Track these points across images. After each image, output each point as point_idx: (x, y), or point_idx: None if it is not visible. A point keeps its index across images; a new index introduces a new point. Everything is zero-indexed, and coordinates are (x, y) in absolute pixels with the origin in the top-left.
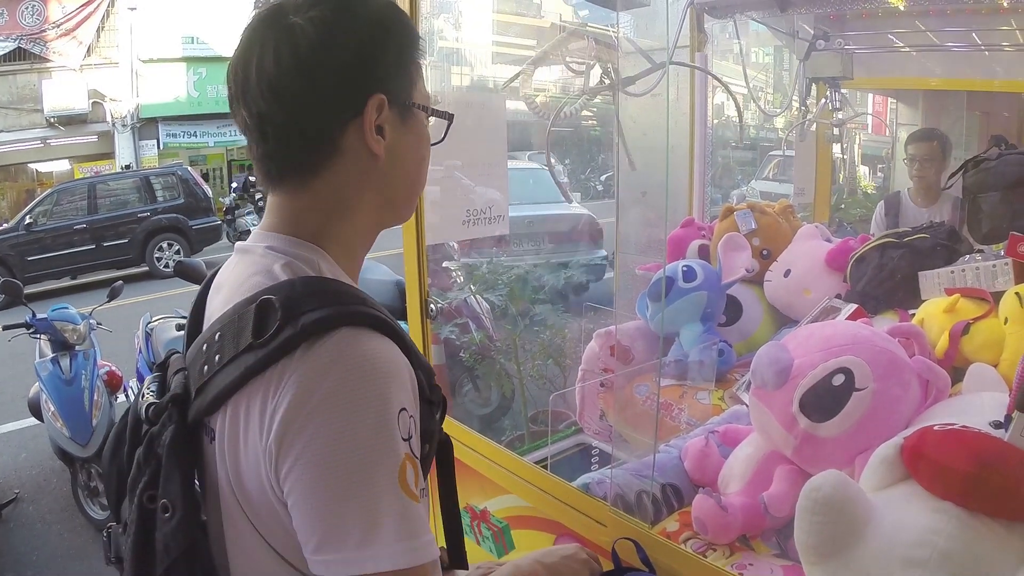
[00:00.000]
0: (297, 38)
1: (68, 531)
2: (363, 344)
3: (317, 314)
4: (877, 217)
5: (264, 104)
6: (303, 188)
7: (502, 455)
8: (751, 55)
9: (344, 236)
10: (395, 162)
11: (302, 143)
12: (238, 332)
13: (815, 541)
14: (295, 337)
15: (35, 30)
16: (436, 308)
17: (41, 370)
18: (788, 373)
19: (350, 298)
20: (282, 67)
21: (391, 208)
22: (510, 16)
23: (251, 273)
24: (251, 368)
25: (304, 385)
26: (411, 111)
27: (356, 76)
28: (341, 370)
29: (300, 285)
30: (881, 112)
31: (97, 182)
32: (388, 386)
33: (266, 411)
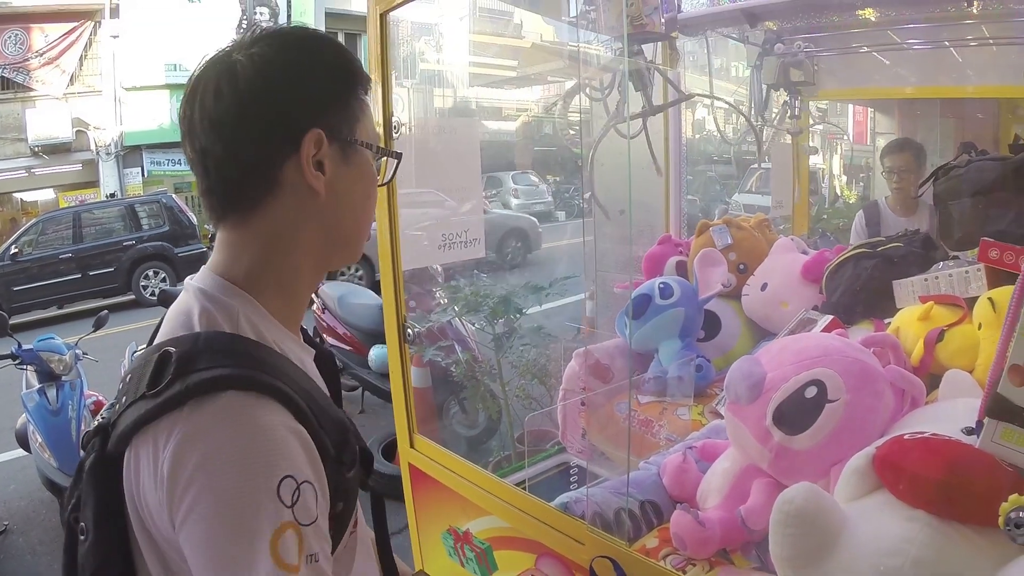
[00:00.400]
0: (237, 74)
1: (58, 562)
2: (248, 410)
3: (207, 374)
4: (857, 227)
5: (205, 138)
6: (243, 223)
7: (482, 477)
8: (731, 69)
9: (283, 274)
10: (337, 199)
11: (240, 176)
12: (139, 378)
13: (789, 553)
14: (181, 394)
15: (18, 59)
16: (413, 332)
17: (28, 401)
18: (761, 387)
19: (247, 360)
20: (222, 102)
21: (335, 246)
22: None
23: (176, 313)
24: (142, 417)
25: (187, 445)
26: (354, 148)
27: (293, 110)
28: (222, 435)
29: (203, 341)
30: (861, 122)
31: (82, 211)
32: (268, 454)
33: (157, 461)
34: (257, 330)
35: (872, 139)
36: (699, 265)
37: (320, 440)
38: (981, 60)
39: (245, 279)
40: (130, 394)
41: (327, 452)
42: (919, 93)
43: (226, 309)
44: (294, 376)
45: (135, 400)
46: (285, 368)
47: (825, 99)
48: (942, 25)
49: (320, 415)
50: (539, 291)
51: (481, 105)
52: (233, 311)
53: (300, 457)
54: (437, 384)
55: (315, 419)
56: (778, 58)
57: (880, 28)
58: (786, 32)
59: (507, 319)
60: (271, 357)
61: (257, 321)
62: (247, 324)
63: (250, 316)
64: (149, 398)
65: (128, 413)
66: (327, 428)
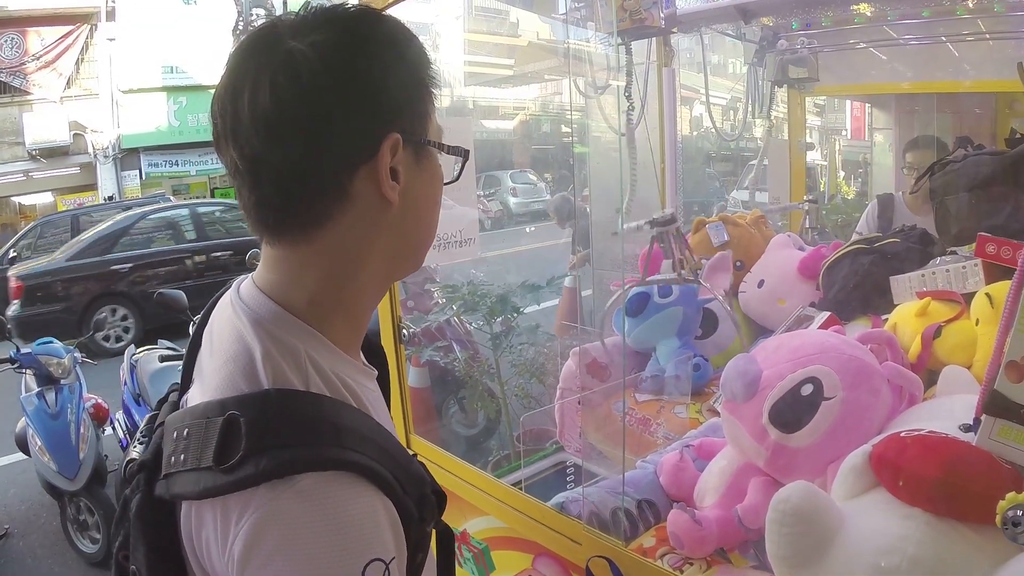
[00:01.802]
0: (298, 67)
1: (59, 565)
2: (329, 493)
3: (283, 455)
4: (868, 217)
5: (259, 144)
6: (305, 241)
7: (478, 477)
8: (727, 66)
9: (350, 298)
10: (408, 208)
11: (305, 190)
12: (202, 443)
13: (785, 552)
14: (257, 476)
15: (14, 63)
16: (408, 333)
17: (27, 405)
18: (757, 385)
19: (324, 431)
20: (281, 101)
21: (402, 259)
22: (487, 36)
23: (233, 354)
24: (210, 490)
25: (261, 530)
26: (425, 149)
27: (368, 112)
28: (300, 522)
29: (275, 407)
30: (859, 118)
31: (80, 214)
32: (353, 540)
33: (228, 537)
34: (324, 373)
35: (869, 135)
36: (709, 269)
37: (404, 507)
38: (977, 55)
39: (308, 308)
40: (190, 456)
41: (411, 516)
42: (916, 88)
43: (293, 354)
44: (373, 437)
45: (199, 468)
46: (364, 429)
47: (822, 95)
48: (938, 20)
49: (403, 478)
50: (536, 290)
51: (478, 104)
52: (300, 356)
53: (387, 534)
54: (435, 384)
55: (399, 486)
56: (778, 54)
57: (876, 24)
58: (782, 28)
59: (505, 318)
60: (348, 418)
61: (322, 359)
62: (314, 371)
63: (316, 358)
64: (218, 472)
65: (189, 477)
66: (409, 490)
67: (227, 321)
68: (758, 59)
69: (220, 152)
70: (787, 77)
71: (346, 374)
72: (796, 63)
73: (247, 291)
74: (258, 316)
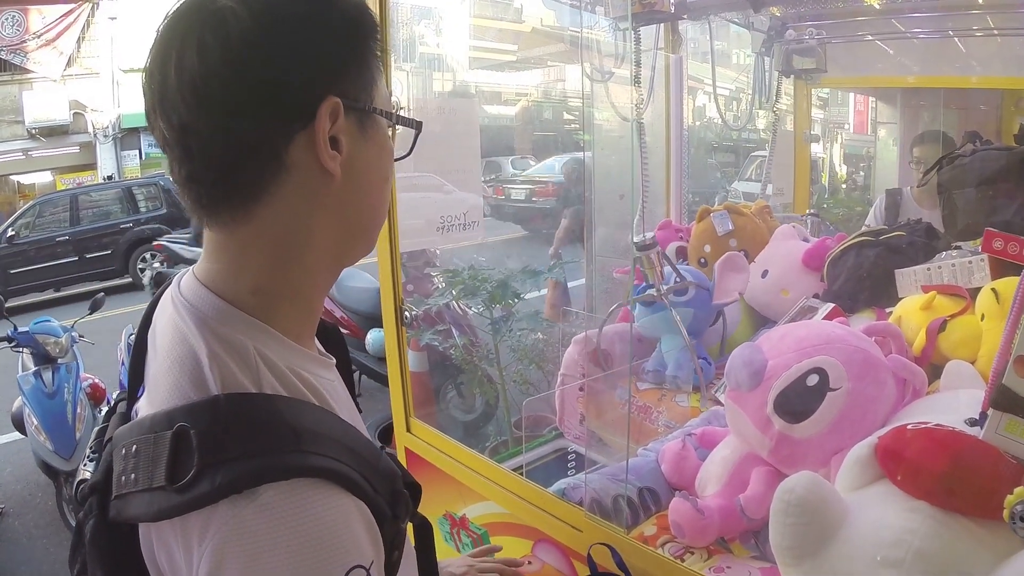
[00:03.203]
0: (228, 26)
1: (54, 545)
2: (294, 504)
3: (239, 467)
4: (876, 210)
5: (187, 111)
6: (242, 219)
7: (479, 462)
8: (732, 56)
9: (297, 284)
10: (353, 181)
11: (236, 161)
12: (152, 461)
13: (789, 543)
14: (214, 494)
15: (15, 41)
16: (411, 315)
17: (24, 384)
18: (762, 374)
19: (281, 435)
20: (208, 64)
21: (351, 238)
22: (490, 21)
23: (178, 357)
24: (165, 511)
25: (224, 552)
26: (371, 117)
27: (306, 75)
28: (267, 538)
29: (224, 414)
30: (862, 112)
31: (79, 193)
32: (327, 551)
33: (192, 557)
34: (277, 368)
35: (873, 128)
36: (720, 268)
37: (376, 506)
38: (986, 51)
39: (253, 299)
40: (141, 475)
41: (384, 515)
42: (922, 82)
43: (241, 353)
44: (337, 436)
45: (151, 488)
46: (325, 428)
47: (829, 87)
48: (947, 14)
49: (371, 476)
50: (537, 275)
51: (480, 89)
52: (248, 354)
53: (362, 538)
54: (434, 368)
55: (369, 486)
56: (786, 44)
57: (884, 16)
58: (790, 19)
59: (505, 303)
60: (307, 417)
61: (273, 354)
62: (267, 369)
63: (266, 352)
64: (171, 491)
65: (142, 499)
66: (380, 488)
67: (169, 321)
68: (766, 48)
69: (151, 125)
70: (794, 67)
71: (301, 367)
72: (804, 53)
73: (188, 286)
74: (201, 313)
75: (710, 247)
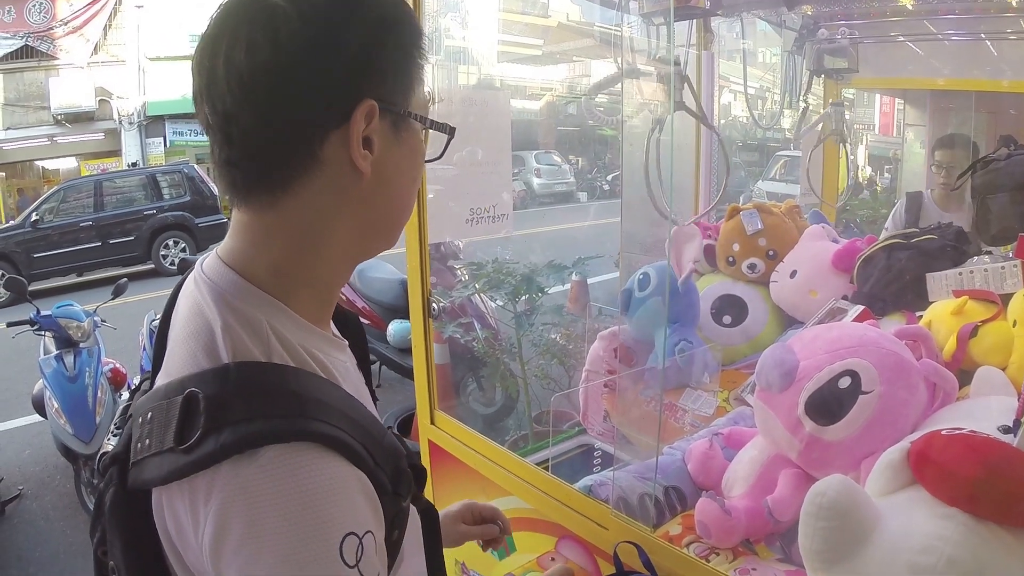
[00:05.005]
0: (278, 24)
1: (71, 528)
2: (294, 466)
3: (243, 429)
4: (896, 214)
5: (232, 101)
6: (271, 206)
7: (503, 456)
8: (758, 55)
9: (315, 271)
10: (382, 181)
11: (273, 151)
12: (164, 425)
13: (820, 547)
14: (217, 453)
15: (42, 28)
16: (438, 307)
17: (45, 367)
18: (793, 375)
19: (287, 402)
20: (256, 59)
21: (373, 234)
22: (517, 15)
23: (195, 330)
24: (173, 472)
25: (229, 509)
26: (406, 121)
27: (346, 77)
28: (268, 498)
29: (234, 380)
30: (888, 113)
31: (103, 179)
32: (324, 514)
33: (199, 520)
34: (288, 343)
35: (901, 130)
36: (673, 243)
37: (376, 479)
38: (1018, 54)
39: (271, 279)
40: (154, 439)
41: (384, 489)
42: (952, 85)
43: (253, 325)
44: (341, 407)
45: (162, 451)
46: (330, 399)
47: (857, 87)
48: (979, 17)
49: (374, 449)
50: (562, 270)
51: (506, 83)
52: (261, 328)
53: (360, 506)
54: (455, 361)
55: (370, 457)
56: (817, 43)
57: (916, 18)
58: (823, 18)
59: (529, 297)
60: (313, 387)
61: (286, 330)
62: (277, 341)
63: (279, 327)
64: (179, 452)
65: (154, 462)
66: (382, 462)
67: (190, 297)
68: (797, 47)
69: (196, 108)
70: (825, 67)
71: (313, 346)
72: (835, 53)
73: (210, 264)
74: (219, 288)
75: (739, 246)
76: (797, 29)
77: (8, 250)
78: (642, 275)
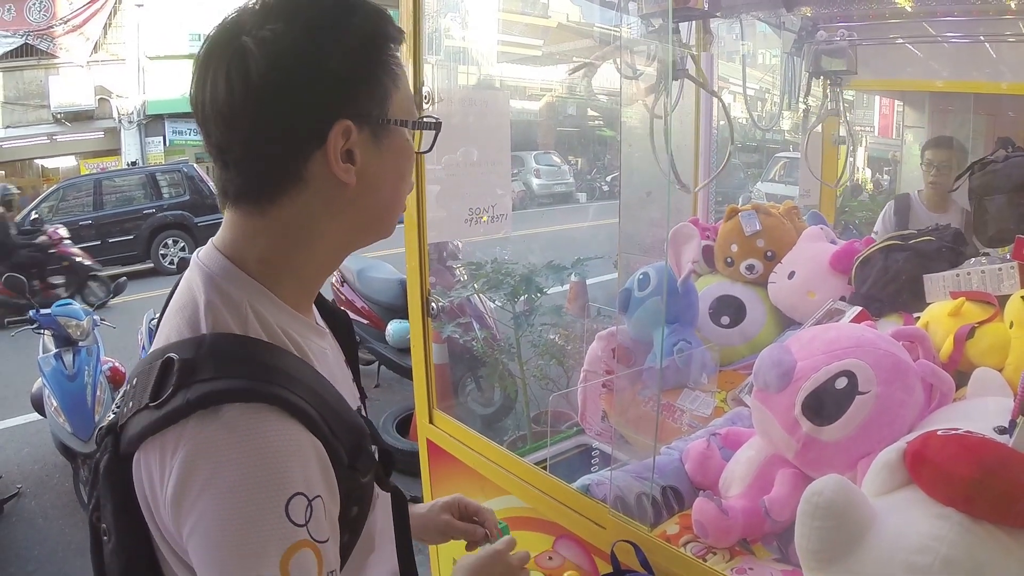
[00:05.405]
0: (247, 61)
1: (70, 526)
2: (253, 424)
3: (208, 386)
4: (885, 217)
5: (219, 134)
6: (261, 214)
7: (501, 455)
8: (758, 57)
9: (300, 264)
10: (368, 185)
11: (261, 174)
12: (144, 386)
13: (816, 546)
14: (183, 408)
15: (42, 26)
16: (437, 306)
17: (44, 365)
18: (791, 375)
19: (254, 368)
20: (233, 96)
21: (363, 229)
22: (516, 16)
23: (182, 305)
24: (147, 428)
25: (191, 462)
26: (387, 128)
27: (315, 102)
28: (226, 453)
29: (207, 346)
30: (888, 115)
31: (103, 178)
32: (276, 472)
33: (164, 474)
34: (266, 322)
35: (900, 132)
36: (671, 244)
37: (333, 449)
38: (1017, 56)
39: (258, 267)
40: (136, 400)
41: (340, 461)
42: (952, 87)
43: (234, 304)
44: (306, 380)
45: (140, 410)
46: (296, 371)
47: (856, 89)
48: (978, 19)
49: (333, 422)
50: (561, 271)
51: (505, 83)
52: (241, 306)
53: (313, 471)
54: (454, 361)
55: (327, 427)
56: (816, 45)
57: (915, 20)
58: (821, 19)
59: (528, 298)
60: (281, 360)
61: (266, 311)
62: (255, 319)
63: (259, 308)
64: (153, 409)
65: (135, 421)
66: (340, 435)
67: (185, 279)
68: (796, 49)
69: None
70: (823, 68)
71: (291, 328)
72: (833, 55)
73: (206, 251)
74: (210, 271)
75: (737, 247)
76: (796, 31)
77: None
78: (642, 275)
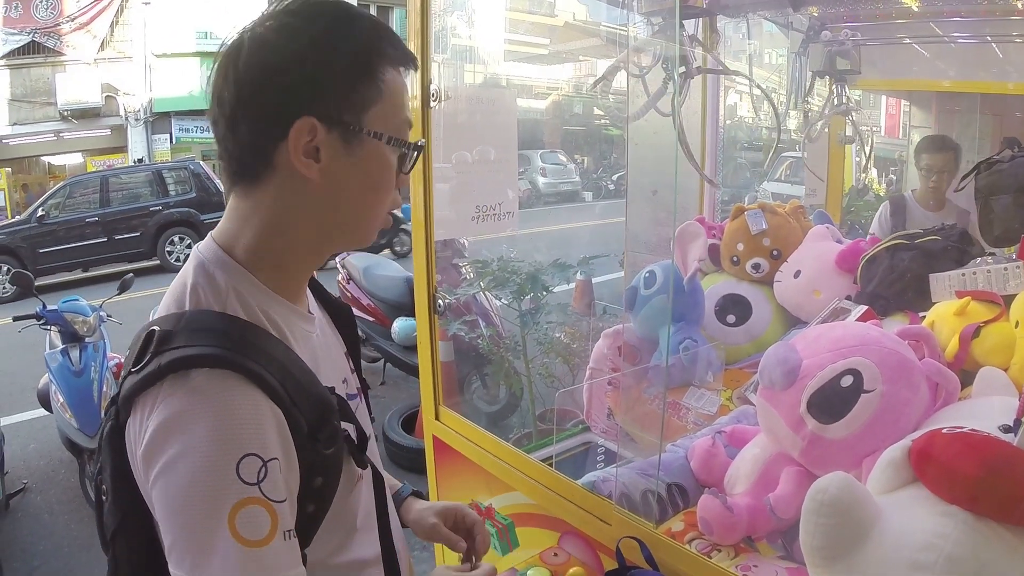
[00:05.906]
0: (239, 56)
1: (75, 522)
2: (216, 389)
3: (178, 353)
4: (881, 218)
5: (213, 112)
6: (247, 194)
7: (507, 452)
8: (764, 56)
9: (279, 253)
10: (333, 186)
11: (240, 155)
12: (132, 355)
13: (820, 543)
14: (156, 372)
15: (49, 24)
16: (444, 304)
17: (51, 361)
18: (796, 374)
19: (223, 339)
20: (227, 82)
21: (331, 232)
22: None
23: (173, 287)
24: (129, 391)
25: (161, 422)
26: (359, 136)
27: (283, 97)
28: (190, 413)
29: (185, 320)
30: (894, 115)
31: (109, 175)
32: (231, 433)
33: (141, 432)
34: (246, 303)
35: (906, 132)
36: (678, 242)
37: (292, 418)
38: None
39: (244, 254)
40: (126, 368)
41: (299, 429)
42: (958, 87)
43: (217, 286)
44: (275, 353)
45: (126, 376)
46: (266, 345)
47: (863, 89)
48: (985, 19)
49: (296, 393)
50: (567, 269)
51: (511, 82)
52: (223, 289)
53: (269, 435)
54: (460, 358)
55: (288, 397)
56: (824, 45)
57: (922, 20)
58: (828, 19)
59: (534, 296)
60: (252, 334)
61: (249, 295)
62: (236, 299)
63: (241, 291)
64: (134, 374)
65: (123, 387)
66: (302, 406)
67: (183, 268)
68: (803, 48)
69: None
70: (830, 68)
71: (272, 310)
72: (839, 55)
73: (203, 242)
74: (202, 258)
75: (743, 246)
76: (804, 31)
77: (14, 245)
78: (648, 273)
